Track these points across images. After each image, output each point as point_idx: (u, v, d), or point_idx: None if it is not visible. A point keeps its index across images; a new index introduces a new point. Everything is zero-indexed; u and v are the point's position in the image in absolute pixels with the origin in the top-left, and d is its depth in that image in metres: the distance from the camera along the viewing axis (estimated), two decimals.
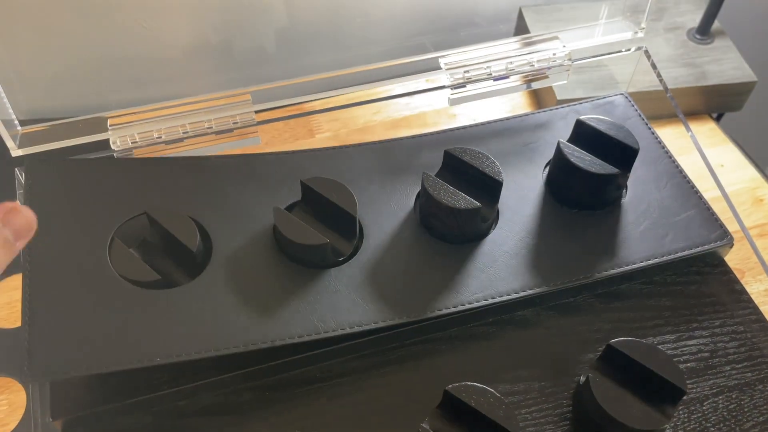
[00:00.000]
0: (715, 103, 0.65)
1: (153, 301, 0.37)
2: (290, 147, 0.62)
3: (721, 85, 0.63)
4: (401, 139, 0.47)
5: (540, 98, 0.64)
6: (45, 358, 0.34)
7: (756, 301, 0.42)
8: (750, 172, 0.62)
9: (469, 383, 0.34)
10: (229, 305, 0.37)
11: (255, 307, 0.38)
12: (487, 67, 0.46)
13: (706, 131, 0.65)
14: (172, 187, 0.41)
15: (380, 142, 0.47)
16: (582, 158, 0.41)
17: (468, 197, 0.39)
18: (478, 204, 0.39)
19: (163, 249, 0.39)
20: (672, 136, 0.61)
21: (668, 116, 0.63)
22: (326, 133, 0.64)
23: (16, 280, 0.51)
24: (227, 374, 0.37)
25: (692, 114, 0.65)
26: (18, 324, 0.49)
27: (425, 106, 0.67)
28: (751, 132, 0.69)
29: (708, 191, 0.46)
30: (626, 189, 0.45)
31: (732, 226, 0.44)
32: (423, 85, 0.50)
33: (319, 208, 0.40)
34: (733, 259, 0.44)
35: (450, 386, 0.34)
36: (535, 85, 0.49)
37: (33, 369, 0.33)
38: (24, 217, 0.31)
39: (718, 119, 0.67)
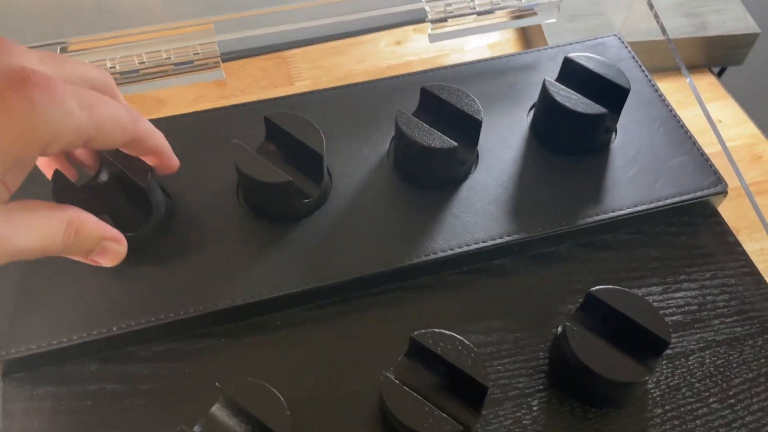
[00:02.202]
0: (716, 56, 0.62)
1: (110, 271, 0.35)
2: (268, 95, 0.59)
3: (722, 36, 0.60)
4: (376, 81, 0.44)
5: (531, 45, 0.61)
6: (5, 334, 0.33)
7: None
8: (749, 128, 0.59)
9: (436, 330, 0.31)
10: (186, 268, 0.36)
11: (217, 268, 0.36)
12: (471, 0, 0.43)
13: (705, 86, 0.62)
14: None
15: (353, 85, 0.44)
16: (568, 97, 0.38)
17: (444, 136, 0.37)
18: (455, 143, 0.36)
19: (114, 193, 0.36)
20: (670, 90, 0.58)
21: (666, 69, 0.60)
22: (306, 80, 0.61)
23: None
24: (182, 317, 0.34)
25: (691, 68, 0.62)
26: None
27: (411, 55, 0.63)
28: (753, 87, 0.66)
29: (706, 147, 0.43)
30: (615, 133, 0.42)
31: (730, 183, 0.41)
32: (400, 19, 0.47)
33: (283, 146, 0.38)
34: (728, 217, 0.42)
35: (416, 333, 0.31)
36: (522, 23, 0.46)
37: None
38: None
39: (719, 75, 0.64)
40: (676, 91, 0.60)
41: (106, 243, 0.30)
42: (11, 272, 0.35)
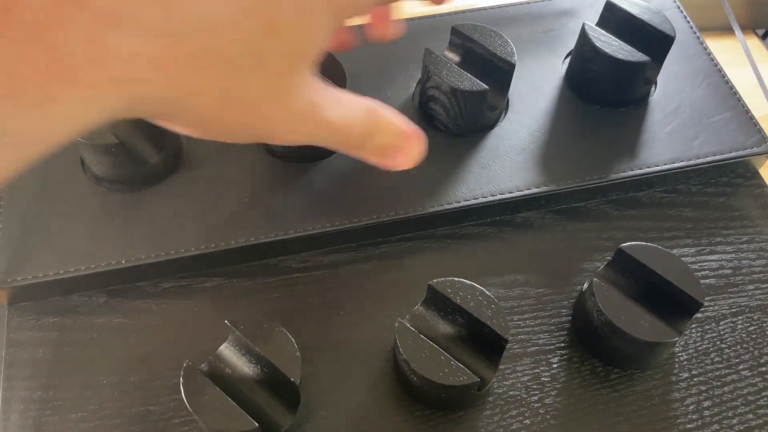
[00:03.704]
0: (762, 17, 0.59)
1: (123, 204, 0.34)
2: None
3: None
4: (403, 20, 0.42)
5: None
6: (12, 262, 0.32)
7: None
8: None
9: (456, 278, 0.30)
10: (200, 205, 0.34)
11: (228, 207, 0.34)
12: None
13: (749, 47, 0.59)
14: None
15: None
16: (609, 43, 0.36)
17: (474, 78, 0.35)
18: (485, 86, 0.34)
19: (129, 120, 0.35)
20: (715, 50, 0.55)
21: (710, 28, 0.57)
22: None
23: None
24: (194, 253, 0.33)
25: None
26: None
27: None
28: None
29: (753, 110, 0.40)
30: (655, 85, 0.39)
31: None
32: None
33: None
34: None
35: (434, 281, 0.30)
36: None
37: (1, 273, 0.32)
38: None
39: (764, 37, 0.61)
40: (720, 51, 0.56)
41: (404, 142, 0.27)
42: (21, 199, 0.34)
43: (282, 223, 0.34)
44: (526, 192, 0.35)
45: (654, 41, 0.37)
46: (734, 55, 0.56)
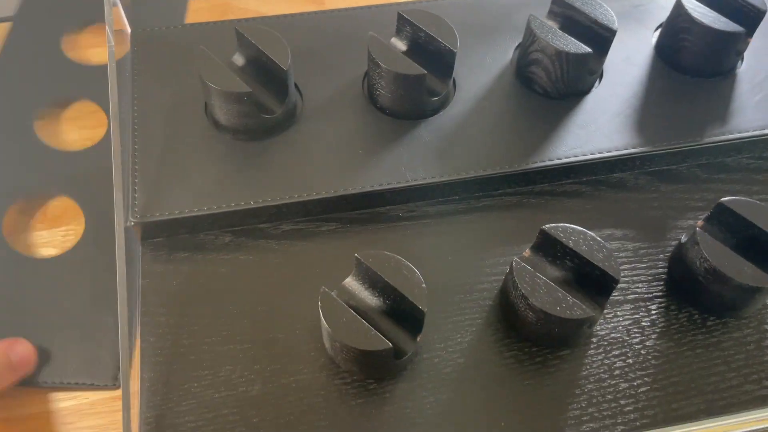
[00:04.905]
0: None
1: (247, 151, 0.37)
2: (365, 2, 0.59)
3: None
4: None
5: None
6: (147, 200, 0.35)
7: None
8: None
9: (567, 224, 0.32)
10: (318, 155, 0.37)
11: (344, 157, 0.37)
12: None
13: None
14: None
15: None
16: (705, 14, 0.38)
17: (578, 42, 0.37)
18: (589, 49, 0.36)
19: (253, 73, 0.37)
20: None
21: None
22: None
23: (88, 106, 0.49)
24: (314, 197, 0.35)
25: None
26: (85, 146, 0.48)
27: None
28: None
29: None
30: (742, 58, 0.41)
31: None
32: None
33: (414, 43, 0.38)
34: None
35: (547, 225, 0.32)
36: None
37: (138, 209, 0.35)
38: (25, 348, 0.37)
39: None
40: None
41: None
42: (152, 144, 0.36)
43: (392, 174, 0.36)
44: (624, 152, 0.37)
45: (745, 14, 0.38)
46: None
